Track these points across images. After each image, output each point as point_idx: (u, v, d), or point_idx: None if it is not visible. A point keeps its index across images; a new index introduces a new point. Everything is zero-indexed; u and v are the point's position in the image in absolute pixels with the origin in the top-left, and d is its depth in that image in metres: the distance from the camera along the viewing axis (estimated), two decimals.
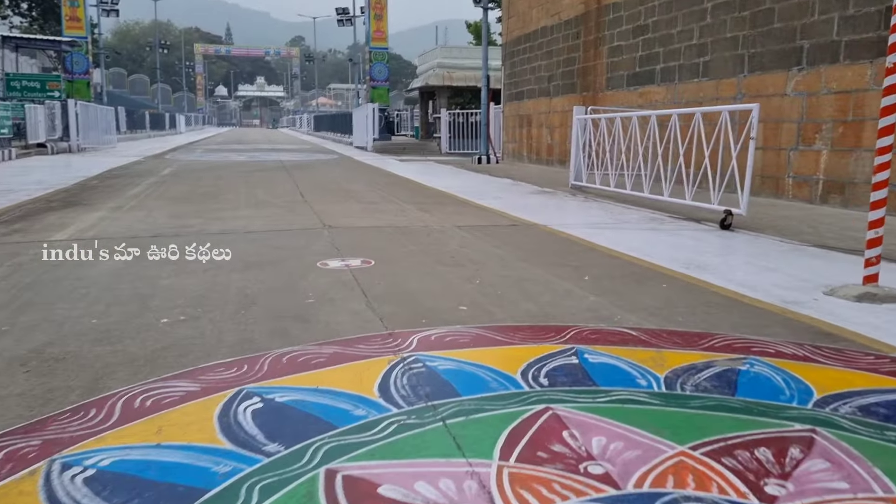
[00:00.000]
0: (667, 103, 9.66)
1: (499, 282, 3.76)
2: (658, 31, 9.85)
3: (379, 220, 6.21)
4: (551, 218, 6.52)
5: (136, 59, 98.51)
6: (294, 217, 6.32)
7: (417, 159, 17.37)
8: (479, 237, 5.26)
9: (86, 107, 20.20)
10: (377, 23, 23.38)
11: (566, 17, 12.81)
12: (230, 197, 7.98)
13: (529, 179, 10.84)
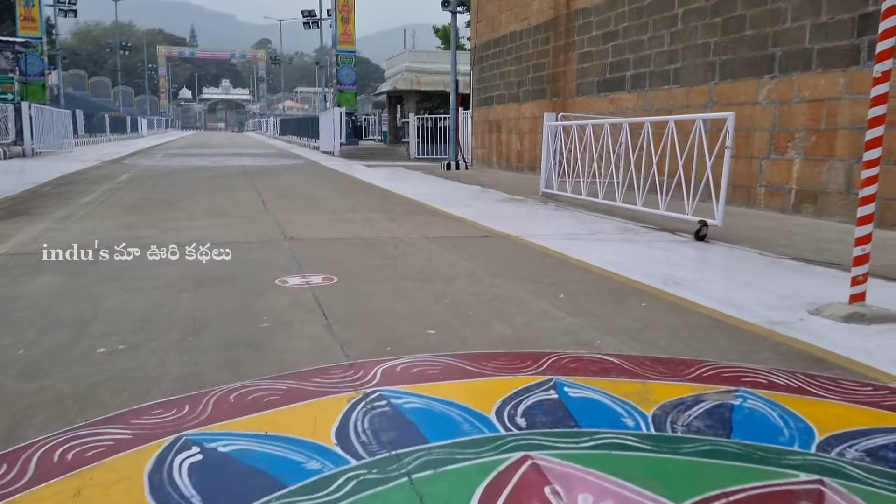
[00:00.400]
0: (637, 110, 9.56)
1: (470, 300, 3.54)
2: (628, 37, 9.75)
3: (344, 230, 5.95)
4: (523, 228, 6.32)
5: (96, 61, 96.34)
6: (254, 227, 6.02)
7: (385, 165, 17.11)
8: (449, 249, 5.04)
9: (41, 109, 19.51)
10: (344, 25, 23.06)
11: (536, 23, 12.68)
12: (187, 205, 7.64)
13: (499, 186, 10.66)
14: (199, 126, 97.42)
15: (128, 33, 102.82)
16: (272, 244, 5.17)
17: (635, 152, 6.77)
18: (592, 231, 6.16)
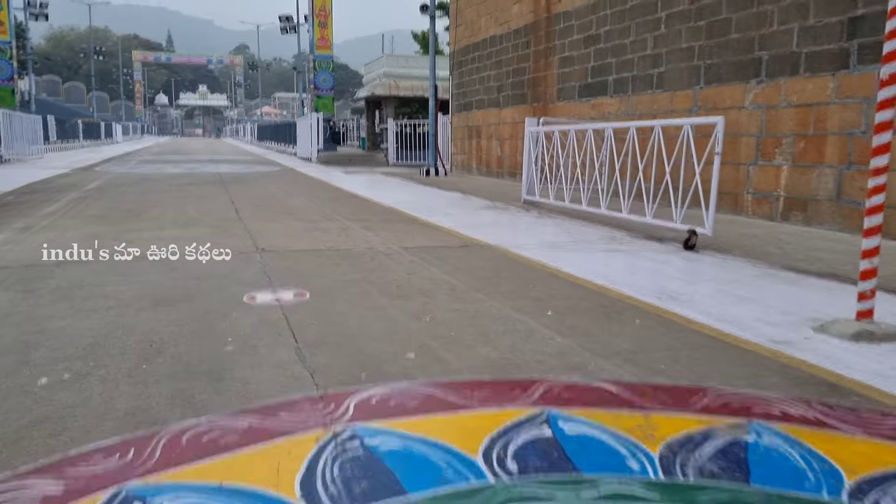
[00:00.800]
0: (620, 115, 9.39)
1: (451, 319, 3.29)
2: (610, 41, 9.59)
3: (319, 241, 5.68)
4: (505, 237, 6.10)
5: (71, 67, 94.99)
6: (225, 238, 5.73)
7: (364, 171, 16.83)
8: (429, 261, 4.79)
9: (9, 115, 18.97)
10: (321, 30, 22.77)
11: (515, 27, 12.50)
12: (156, 214, 7.32)
13: (480, 193, 10.44)
14: (175, 132, 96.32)
15: (103, 38, 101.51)
16: (243, 256, 4.89)
17: (620, 158, 6.58)
18: (577, 240, 5.94)
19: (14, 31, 22.07)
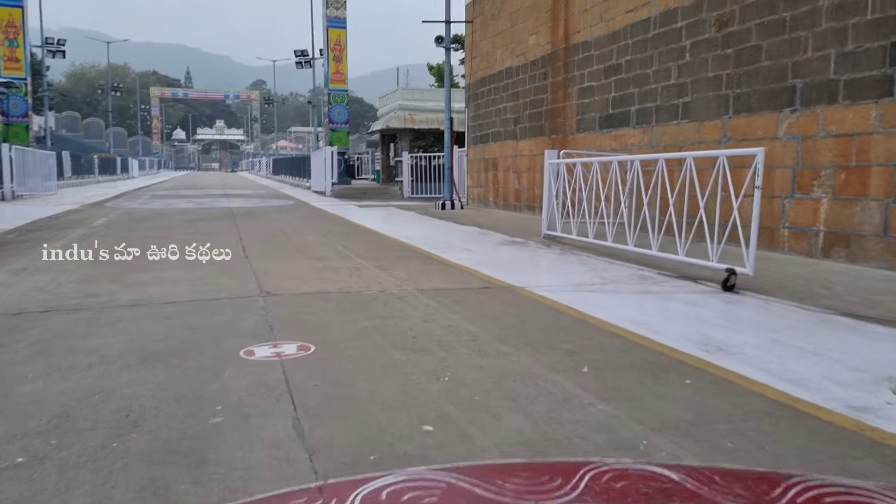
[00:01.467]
0: (644, 147, 9.03)
1: (475, 379, 2.89)
2: (632, 70, 9.27)
3: (328, 282, 5.31)
4: (528, 277, 5.70)
5: (90, 103, 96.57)
6: (228, 279, 5.38)
7: (378, 205, 16.56)
8: (447, 305, 4.40)
9: (23, 151, 18.98)
10: (336, 64, 22.75)
11: (532, 58, 12.25)
12: (161, 253, 6.99)
13: (498, 228, 10.07)
14: (192, 166, 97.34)
15: (122, 75, 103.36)
16: (245, 301, 4.52)
17: (648, 192, 6.19)
18: (606, 280, 5.53)
19: (30, 68, 22.22)
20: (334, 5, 22.93)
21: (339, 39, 22.74)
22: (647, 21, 8.93)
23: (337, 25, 22.76)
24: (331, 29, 22.72)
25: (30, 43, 22.38)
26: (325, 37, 22.99)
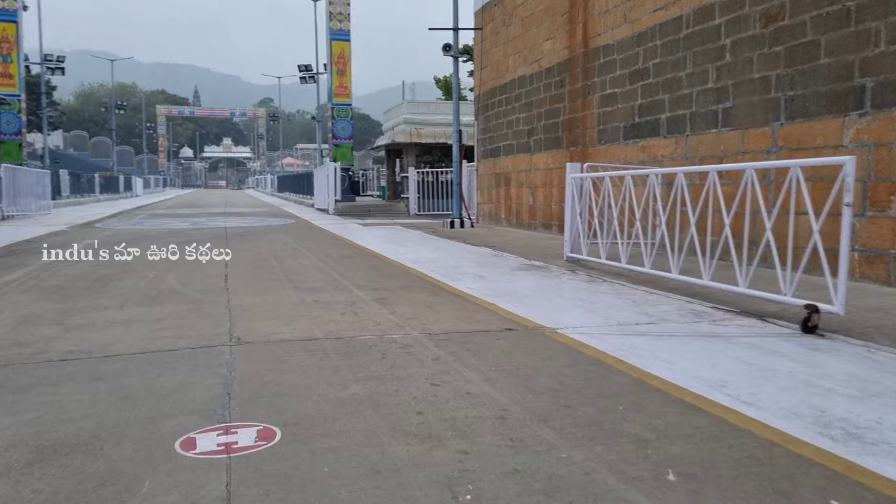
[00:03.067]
0: (676, 158, 8.08)
1: (510, 494, 1.93)
2: (662, 74, 8.35)
3: (316, 322, 4.37)
4: (557, 313, 4.74)
5: (98, 122, 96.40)
6: (196, 320, 4.44)
7: (383, 223, 15.65)
8: (462, 358, 3.44)
9: (15, 170, 18.20)
10: (340, 78, 21.97)
11: (548, 65, 11.36)
12: (128, 284, 6.08)
13: (513, 248, 9.12)
14: (199, 184, 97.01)
15: (130, 94, 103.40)
16: (207, 354, 3.58)
17: (697, 211, 5.24)
18: (652, 318, 4.56)
19: (24, 86, 21.51)
20: (337, 18, 22.19)
21: (342, 52, 21.97)
22: (679, 19, 8.02)
23: (340, 38, 22.01)
24: (334, 42, 21.96)
25: (24, 59, 21.69)
26: (329, 50, 22.23)
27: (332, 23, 22.14)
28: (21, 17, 20.62)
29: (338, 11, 22.15)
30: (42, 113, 29.09)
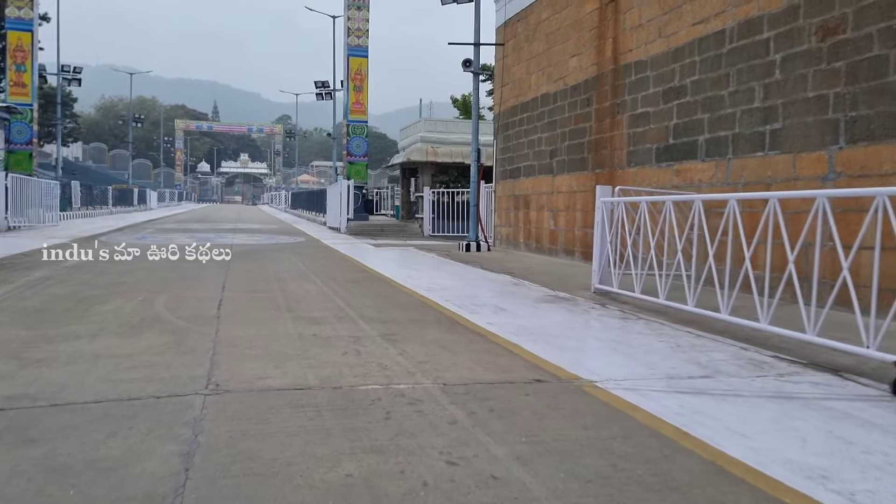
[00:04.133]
0: (716, 183, 7.43)
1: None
2: (701, 92, 7.72)
3: (312, 364, 3.73)
4: (594, 360, 4.08)
5: (118, 135, 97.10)
6: (172, 357, 3.82)
7: (395, 244, 15.04)
8: (485, 422, 2.79)
9: (22, 180, 17.81)
10: (356, 94, 21.52)
11: (573, 82, 10.76)
12: (109, 309, 5.48)
13: (534, 276, 8.46)
14: (215, 199, 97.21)
15: (150, 108, 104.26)
16: (172, 407, 2.94)
17: (752, 245, 4.58)
18: (706, 368, 3.88)
19: (36, 95, 21.22)
20: (356, 34, 21.80)
21: (359, 69, 21.54)
22: (722, 34, 7.40)
23: (358, 54, 21.59)
24: (351, 58, 21.54)
25: (38, 70, 21.43)
26: (346, 66, 21.81)
27: (349, 38, 21.75)
28: (36, 27, 20.39)
29: (356, 27, 21.76)
30: (58, 123, 28.84)
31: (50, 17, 35.37)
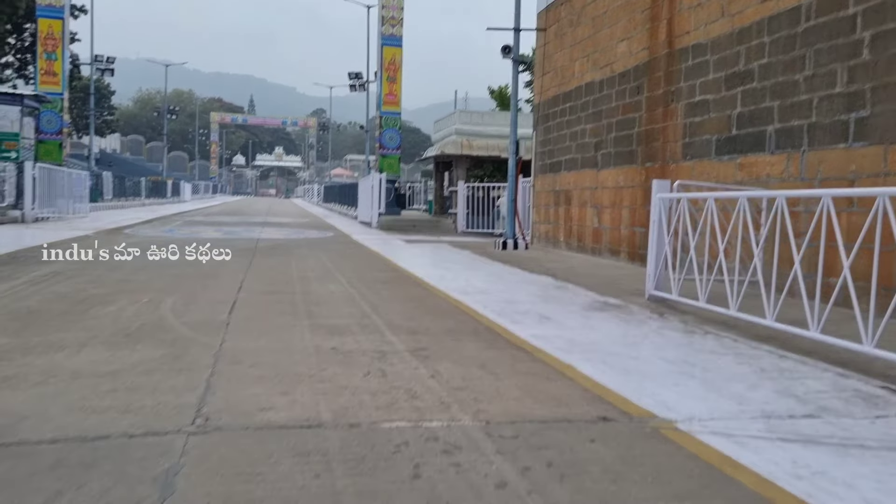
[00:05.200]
0: (787, 179, 6.63)
1: None
2: (770, 77, 6.91)
3: (326, 390, 3.10)
4: (667, 389, 3.37)
5: (155, 128, 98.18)
6: (162, 377, 3.22)
7: (428, 240, 14.41)
8: (543, 487, 2.13)
9: (51, 171, 17.61)
10: (390, 85, 20.93)
11: (622, 69, 9.99)
12: (110, 311, 4.93)
13: (578, 279, 7.75)
14: (249, 192, 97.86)
15: (187, 101, 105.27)
16: (146, 450, 2.33)
17: (852, 254, 3.83)
18: (806, 403, 3.15)
19: (67, 84, 21.03)
20: (390, 22, 21.21)
21: (393, 59, 20.94)
22: (797, 10, 6.59)
23: (392, 44, 21.00)
24: (385, 47, 20.96)
25: (69, 58, 21.24)
26: (379, 56, 21.23)
27: (384, 27, 21.17)
28: (67, 15, 20.19)
29: (390, 16, 21.16)
30: (91, 113, 28.85)
31: (87, 8, 35.47)
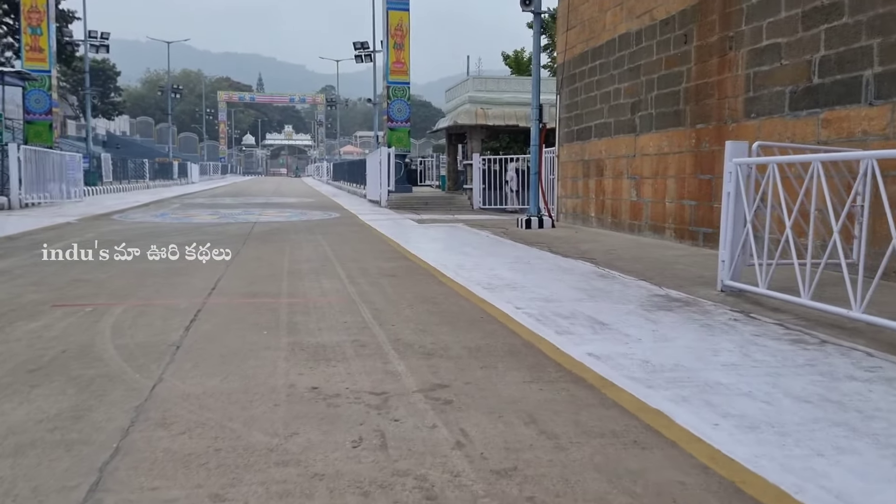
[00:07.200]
0: (890, 136, 5.30)
1: None
2: (865, 10, 5.56)
3: (289, 490, 1.89)
4: (822, 459, 2.13)
5: (163, 108, 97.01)
6: (32, 463, 2.03)
7: (442, 219, 13.15)
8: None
9: (39, 154, 16.48)
10: (397, 52, 19.54)
11: (664, 15, 8.61)
12: (32, 329, 3.75)
13: (623, 263, 6.49)
14: (260, 171, 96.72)
15: (195, 81, 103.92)
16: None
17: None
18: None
19: (54, 61, 19.82)
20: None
21: (400, 23, 19.51)
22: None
23: (398, 7, 19.55)
24: (391, 12, 19.52)
25: (54, 33, 19.98)
26: (385, 21, 19.81)
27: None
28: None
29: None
30: (86, 92, 27.65)
31: None
